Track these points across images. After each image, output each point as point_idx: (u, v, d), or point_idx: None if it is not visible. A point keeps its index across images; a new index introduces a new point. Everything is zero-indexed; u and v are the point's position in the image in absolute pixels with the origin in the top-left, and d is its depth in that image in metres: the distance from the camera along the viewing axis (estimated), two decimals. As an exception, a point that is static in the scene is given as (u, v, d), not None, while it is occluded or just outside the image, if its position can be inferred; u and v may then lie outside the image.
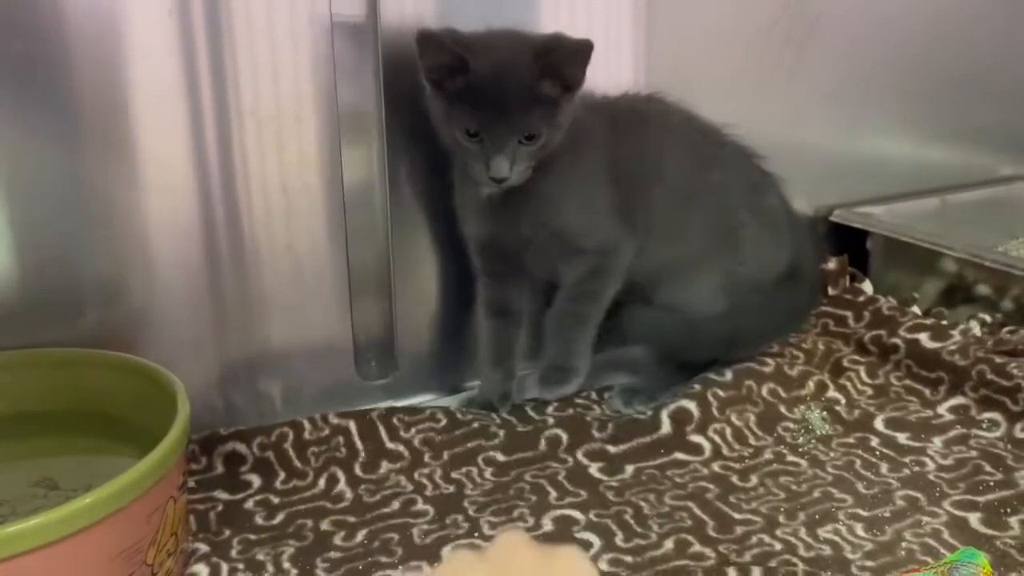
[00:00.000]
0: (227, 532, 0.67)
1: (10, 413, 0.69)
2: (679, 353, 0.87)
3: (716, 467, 0.76)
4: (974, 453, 0.77)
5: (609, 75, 0.89)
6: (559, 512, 0.70)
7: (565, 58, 0.73)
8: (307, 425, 0.77)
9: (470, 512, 0.70)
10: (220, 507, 0.70)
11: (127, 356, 0.69)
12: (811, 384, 0.87)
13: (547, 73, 0.73)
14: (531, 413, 0.83)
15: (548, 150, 0.75)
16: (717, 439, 0.79)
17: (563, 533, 0.67)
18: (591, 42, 0.73)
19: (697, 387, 0.83)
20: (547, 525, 0.68)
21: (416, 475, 0.75)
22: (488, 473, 0.75)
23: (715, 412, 0.81)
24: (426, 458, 0.77)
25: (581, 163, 0.80)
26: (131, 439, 0.66)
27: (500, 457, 0.77)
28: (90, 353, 0.70)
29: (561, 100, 0.74)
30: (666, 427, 0.80)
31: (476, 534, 0.67)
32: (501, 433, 0.80)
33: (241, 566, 0.63)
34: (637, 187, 0.83)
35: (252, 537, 0.66)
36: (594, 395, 0.86)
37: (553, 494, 0.72)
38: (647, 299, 0.87)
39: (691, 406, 0.81)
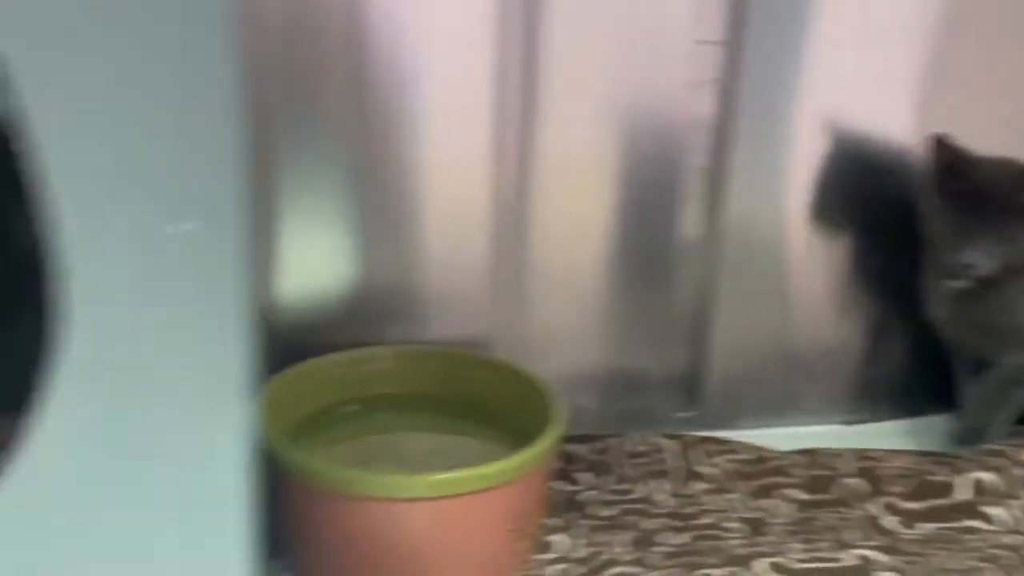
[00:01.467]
0: (572, 515, 0.80)
1: (407, 393, 0.87)
2: None
3: (1011, 540, 0.79)
4: None
5: (879, 125, 0.93)
6: (859, 551, 0.75)
7: None
8: (630, 439, 0.90)
9: (773, 537, 0.78)
10: (562, 497, 0.83)
11: (511, 362, 0.83)
12: None
13: None
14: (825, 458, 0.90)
15: (1017, 258, 0.85)
16: (1019, 514, 0.82)
17: (862, 569, 0.73)
18: None
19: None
20: (847, 560, 0.74)
21: (721, 500, 0.84)
22: (785, 508, 0.83)
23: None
24: (729, 486, 0.86)
25: None
26: (497, 429, 0.80)
27: (801, 495, 0.85)
28: (482, 356, 0.86)
29: None
30: (964, 493, 0.84)
31: (786, 555, 0.74)
32: (799, 473, 0.88)
33: (583, 542, 0.76)
34: None
35: (592, 523, 0.79)
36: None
37: (849, 537, 0.78)
38: None
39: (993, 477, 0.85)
